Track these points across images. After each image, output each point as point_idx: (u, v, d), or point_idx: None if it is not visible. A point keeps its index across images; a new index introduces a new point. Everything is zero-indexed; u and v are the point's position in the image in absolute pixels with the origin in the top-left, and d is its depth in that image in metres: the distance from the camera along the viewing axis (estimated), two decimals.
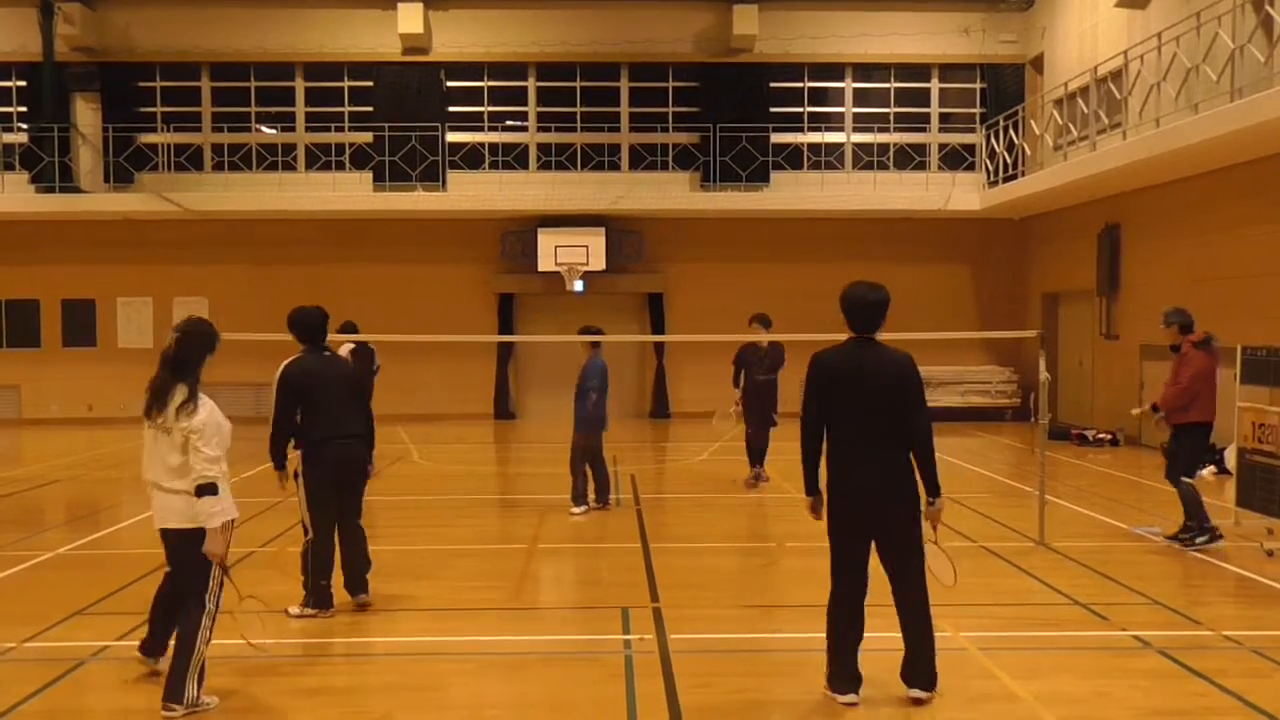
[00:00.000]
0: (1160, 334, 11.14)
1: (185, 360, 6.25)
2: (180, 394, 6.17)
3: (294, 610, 8.18)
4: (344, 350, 13.81)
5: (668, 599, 8.69)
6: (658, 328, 24.47)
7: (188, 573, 6.29)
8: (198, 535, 6.15)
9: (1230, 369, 11.92)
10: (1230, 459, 13.37)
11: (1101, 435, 19.70)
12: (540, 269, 24.12)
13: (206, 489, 6.09)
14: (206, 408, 6.19)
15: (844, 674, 6.27)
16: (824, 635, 6.30)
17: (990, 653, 7.20)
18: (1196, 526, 10.55)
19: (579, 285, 24.10)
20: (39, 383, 24.81)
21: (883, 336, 6.37)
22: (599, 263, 24.05)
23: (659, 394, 24.75)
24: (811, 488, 6.41)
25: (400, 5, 23.74)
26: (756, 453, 14.66)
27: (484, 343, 24.06)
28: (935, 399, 22.09)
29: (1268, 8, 14.56)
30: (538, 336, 24.08)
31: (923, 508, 6.26)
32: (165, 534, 6.36)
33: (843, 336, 6.38)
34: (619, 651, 7.38)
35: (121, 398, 24.74)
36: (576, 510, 12.50)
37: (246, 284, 24.35)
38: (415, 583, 9.38)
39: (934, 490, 6.24)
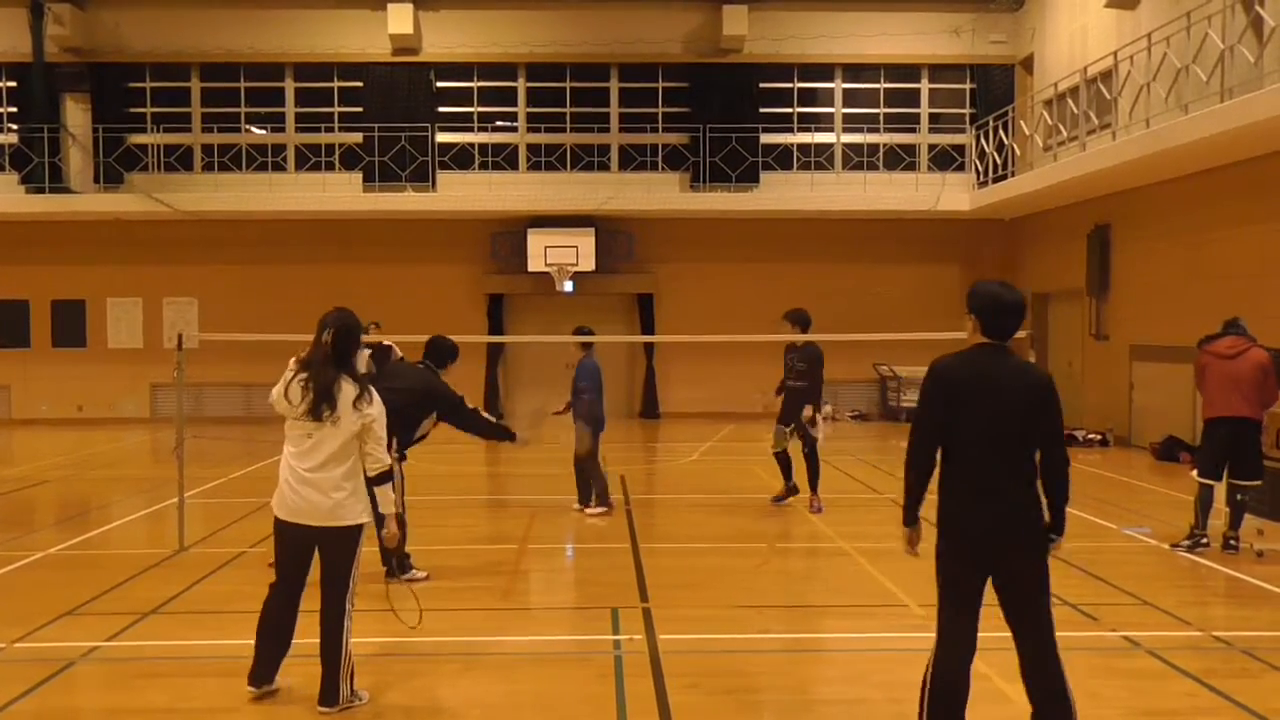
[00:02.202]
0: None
1: (345, 353, 6.29)
2: (351, 387, 6.20)
3: None
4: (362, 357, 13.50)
5: (657, 599, 8.68)
6: (647, 328, 24.46)
7: (336, 571, 6.20)
8: (350, 533, 6.17)
9: None
10: None
11: (1091, 436, 19.73)
12: (530, 269, 24.13)
13: (386, 475, 6.27)
14: (376, 395, 6.29)
15: None
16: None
17: (980, 653, 7.15)
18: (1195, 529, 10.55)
19: (568, 286, 24.10)
20: (29, 383, 24.75)
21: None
22: (588, 263, 24.05)
23: (649, 395, 24.74)
24: (912, 516, 5.33)
25: (390, 6, 23.72)
26: (795, 468, 12.85)
27: (473, 343, 23.97)
28: None
29: (1258, 8, 14.60)
30: (527, 337, 24.07)
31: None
32: (308, 532, 6.20)
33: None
34: (609, 651, 7.37)
35: (111, 398, 24.75)
36: (590, 511, 12.50)
37: (236, 285, 24.35)
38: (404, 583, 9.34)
39: (1062, 528, 5.27)
